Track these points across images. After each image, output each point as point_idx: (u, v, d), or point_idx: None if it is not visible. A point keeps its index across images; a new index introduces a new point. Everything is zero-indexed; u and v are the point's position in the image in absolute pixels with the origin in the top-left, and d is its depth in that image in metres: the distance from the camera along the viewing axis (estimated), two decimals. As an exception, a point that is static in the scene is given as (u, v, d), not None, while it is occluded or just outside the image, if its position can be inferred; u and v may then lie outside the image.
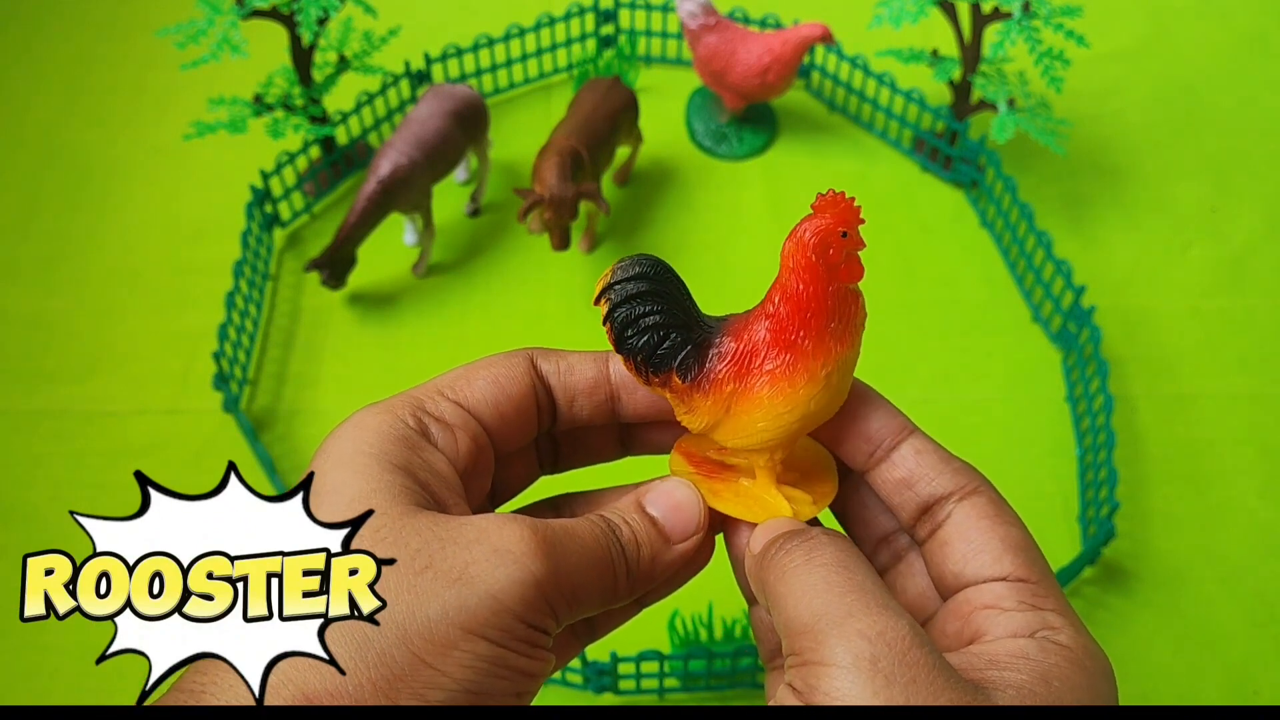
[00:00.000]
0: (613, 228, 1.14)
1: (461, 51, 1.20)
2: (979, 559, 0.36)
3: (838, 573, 0.34)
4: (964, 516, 0.37)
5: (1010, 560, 0.35)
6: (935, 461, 0.38)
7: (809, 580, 0.34)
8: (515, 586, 0.33)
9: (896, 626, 0.32)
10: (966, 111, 1.15)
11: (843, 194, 0.37)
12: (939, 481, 0.37)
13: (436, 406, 0.38)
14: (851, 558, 0.34)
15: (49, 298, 1.09)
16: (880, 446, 0.38)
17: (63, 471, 0.98)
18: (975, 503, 0.37)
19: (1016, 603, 0.35)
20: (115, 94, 1.25)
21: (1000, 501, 0.37)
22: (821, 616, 0.32)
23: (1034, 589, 0.35)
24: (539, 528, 0.34)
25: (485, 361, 0.40)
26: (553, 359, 0.41)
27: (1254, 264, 1.13)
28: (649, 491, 0.39)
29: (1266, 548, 0.96)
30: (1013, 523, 0.37)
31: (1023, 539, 0.36)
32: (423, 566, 0.32)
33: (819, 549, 0.35)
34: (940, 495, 0.37)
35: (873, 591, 0.33)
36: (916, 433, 0.39)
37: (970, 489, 0.37)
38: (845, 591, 0.33)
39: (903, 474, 0.38)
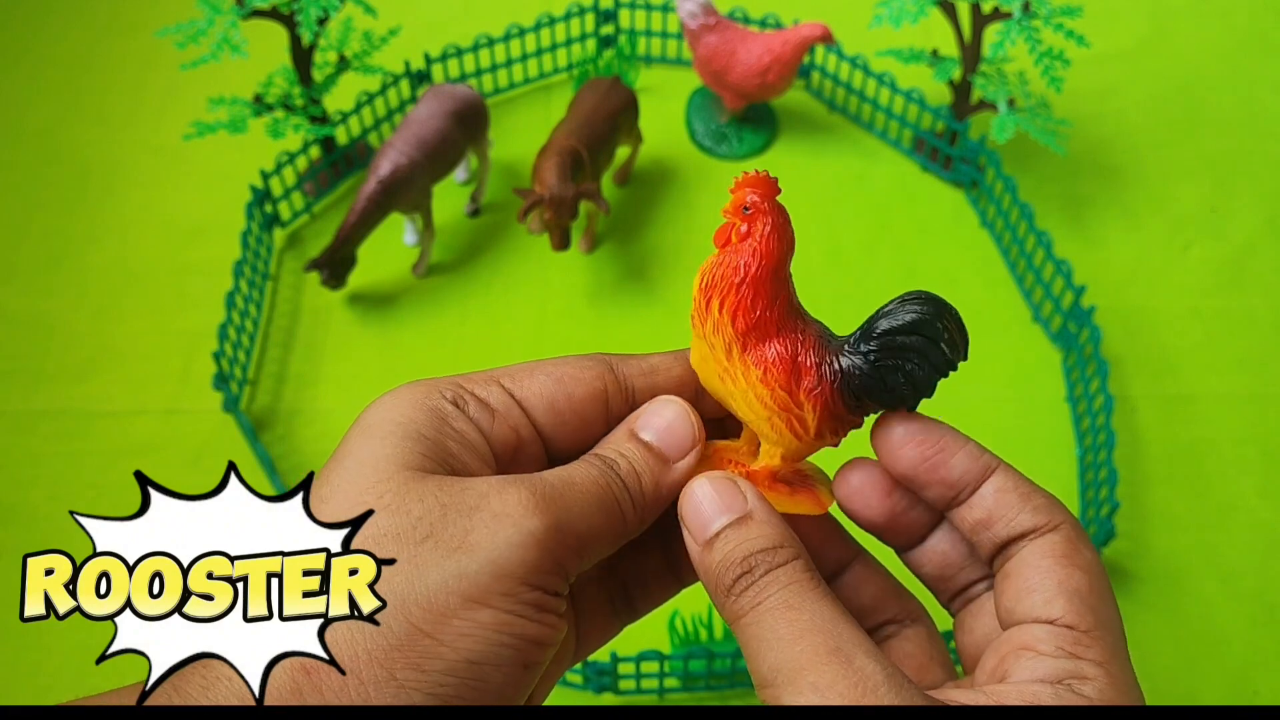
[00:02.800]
0: (613, 228, 1.14)
1: (461, 51, 1.20)
2: (1031, 598, 0.35)
3: (786, 617, 0.33)
4: (1031, 554, 0.36)
5: (1062, 604, 0.34)
6: (1014, 500, 0.37)
7: (760, 631, 0.33)
8: (516, 550, 0.32)
9: (846, 676, 0.31)
10: (966, 111, 1.15)
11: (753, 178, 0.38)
12: (1017, 521, 0.36)
13: (484, 390, 0.38)
14: (798, 594, 0.34)
15: (49, 298, 1.09)
16: (964, 490, 0.37)
17: (63, 471, 0.98)
18: (1048, 540, 0.36)
19: (1054, 647, 0.34)
20: (115, 94, 1.25)
21: (1076, 541, 0.36)
22: (777, 671, 0.32)
23: (1078, 637, 0.34)
24: (537, 485, 0.34)
25: (556, 359, 0.39)
26: (634, 362, 0.40)
27: (1254, 264, 1.13)
28: (638, 417, 0.39)
29: (1266, 548, 0.96)
30: (1081, 566, 0.35)
31: (1085, 584, 0.35)
32: (423, 535, 0.32)
33: (764, 591, 0.34)
34: (1017, 534, 0.36)
35: (821, 631, 0.32)
36: (999, 469, 0.38)
37: (1048, 527, 0.36)
38: (793, 640, 0.32)
39: (981, 515, 0.37)
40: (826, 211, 1.17)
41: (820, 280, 1.10)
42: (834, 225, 1.15)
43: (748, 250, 0.38)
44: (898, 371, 0.38)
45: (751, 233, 0.38)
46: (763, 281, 0.37)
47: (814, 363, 0.38)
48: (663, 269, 1.12)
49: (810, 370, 0.38)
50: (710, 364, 0.38)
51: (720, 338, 0.38)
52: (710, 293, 0.38)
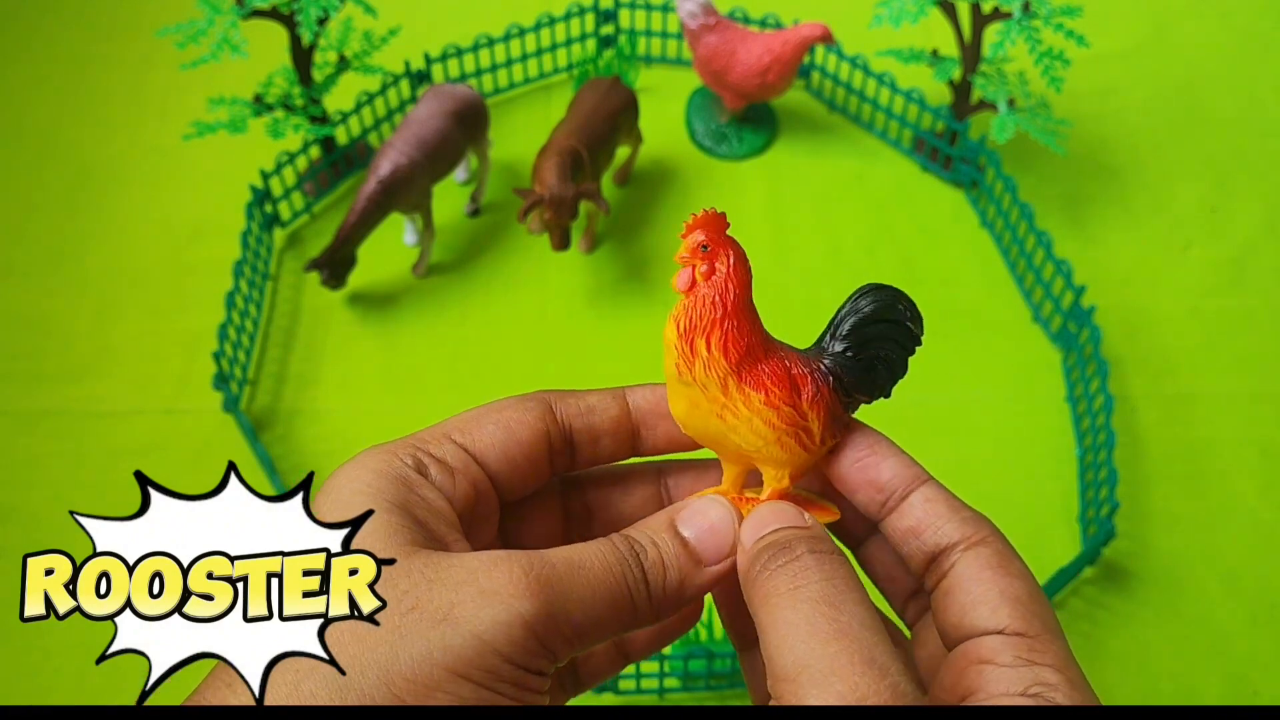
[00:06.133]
0: (613, 228, 1.14)
1: (461, 51, 1.20)
2: (977, 610, 0.35)
3: (824, 612, 0.33)
4: (966, 567, 0.36)
5: (1008, 612, 0.35)
6: (943, 510, 0.37)
7: (792, 618, 0.33)
8: (501, 628, 0.32)
9: (879, 691, 0.31)
10: (966, 111, 1.15)
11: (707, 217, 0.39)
12: (945, 530, 0.37)
13: (440, 449, 0.37)
14: (840, 591, 0.33)
15: (49, 298, 1.09)
16: (893, 495, 0.38)
17: (63, 471, 0.98)
18: (979, 553, 0.36)
19: (1012, 657, 0.34)
20: (115, 94, 1.25)
21: (1007, 552, 0.36)
22: (804, 668, 0.32)
23: (1031, 644, 0.34)
24: (534, 565, 0.33)
25: (497, 404, 0.39)
26: (572, 400, 0.40)
27: (1254, 264, 1.13)
28: (683, 509, 0.38)
29: (1266, 548, 0.96)
30: (1017, 575, 0.36)
31: (1025, 591, 0.35)
32: (409, 608, 0.32)
33: (805, 576, 0.34)
34: (946, 545, 0.37)
35: (858, 639, 0.32)
36: (929, 482, 0.38)
37: (976, 539, 0.36)
38: (829, 639, 0.32)
39: (910, 523, 0.37)
40: (826, 211, 1.17)
41: (820, 280, 1.10)
42: (834, 225, 1.15)
43: (719, 285, 0.38)
44: (876, 360, 0.39)
45: (715, 269, 0.38)
46: (742, 310, 0.38)
47: (805, 373, 0.38)
48: (663, 269, 1.12)
49: (805, 380, 0.38)
50: (703, 408, 0.38)
51: (714, 375, 0.38)
52: (693, 335, 0.38)
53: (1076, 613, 0.92)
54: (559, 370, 1.05)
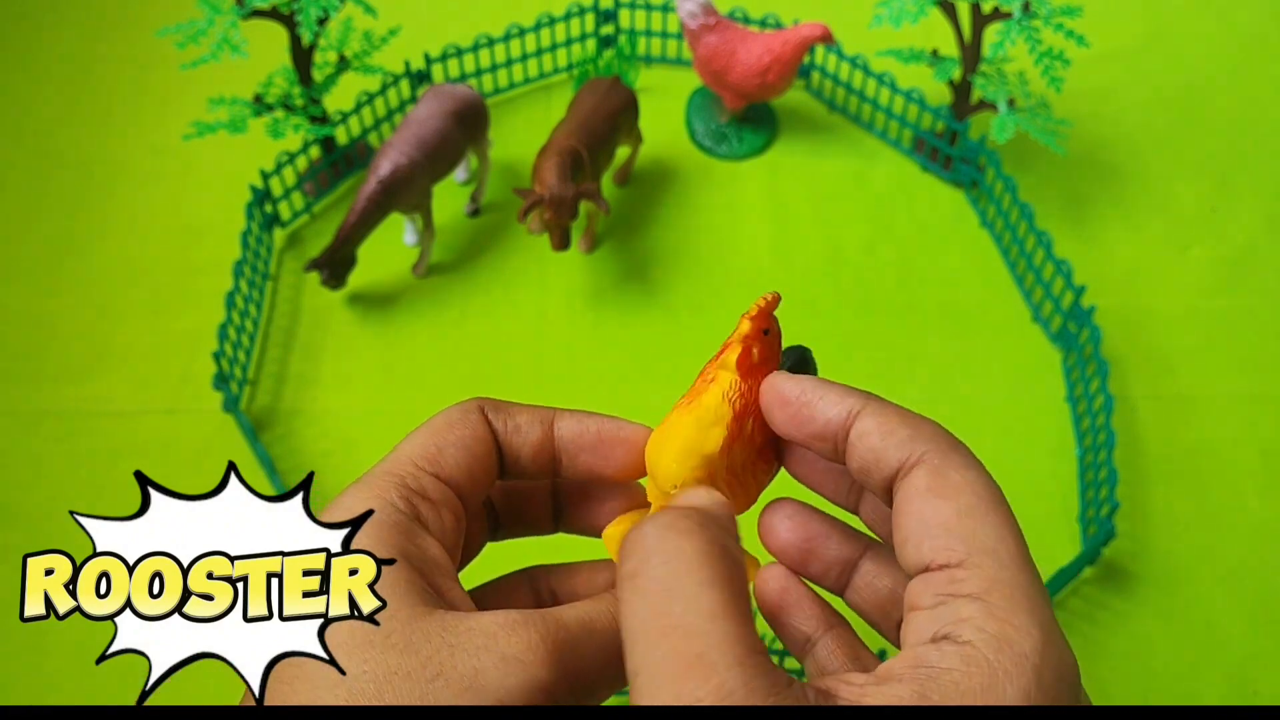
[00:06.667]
0: (613, 228, 1.14)
1: (461, 51, 1.20)
2: (903, 551, 0.32)
3: (654, 605, 0.29)
4: (903, 499, 0.32)
5: (928, 546, 0.31)
6: (877, 440, 0.33)
7: (629, 611, 0.30)
8: (523, 694, 0.32)
9: (701, 696, 0.28)
10: (966, 111, 1.15)
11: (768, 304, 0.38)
12: (884, 462, 0.33)
13: (419, 483, 0.36)
14: (678, 580, 0.30)
15: (49, 297, 1.09)
16: (839, 439, 0.34)
17: (63, 471, 0.98)
18: (911, 480, 0.32)
19: (933, 597, 0.30)
20: (115, 94, 1.25)
21: (941, 467, 0.32)
22: (637, 674, 0.29)
23: (952, 574, 0.30)
24: (550, 631, 0.33)
25: (444, 422, 0.38)
26: (501, 416, 0.39)
27: (1254, 264, 1.13)
28: None
29: (1266, 548, 0.96)
30: (948, 494, 0.31)
31: (952, 512, 0.31)
32: (433, 675, 0.32)
33: (645, 566, 0.30)
34: (889, 477, 0.33)
35: (689, 633, 0.29)
36: (865, 410, 0.34)
37: (913, 461, 0.32)
38: (660, 637, 0.29)
39: (856, 464, 0.34)
40: (826, 211, 1.17)
41: (820, 280, 1.10)
42: (834, 225, 1.15)
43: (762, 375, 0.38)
44: None
45: (767, 359, 0.38)
46: None
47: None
48: (663, 269, 1.12)
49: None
50: (715, 468, 0.38)
51: (748, 451, 0.38)
52: (746, 417, 0.38)
53: (1076, 613, 0.92)
54: (559, 370, 1.05)
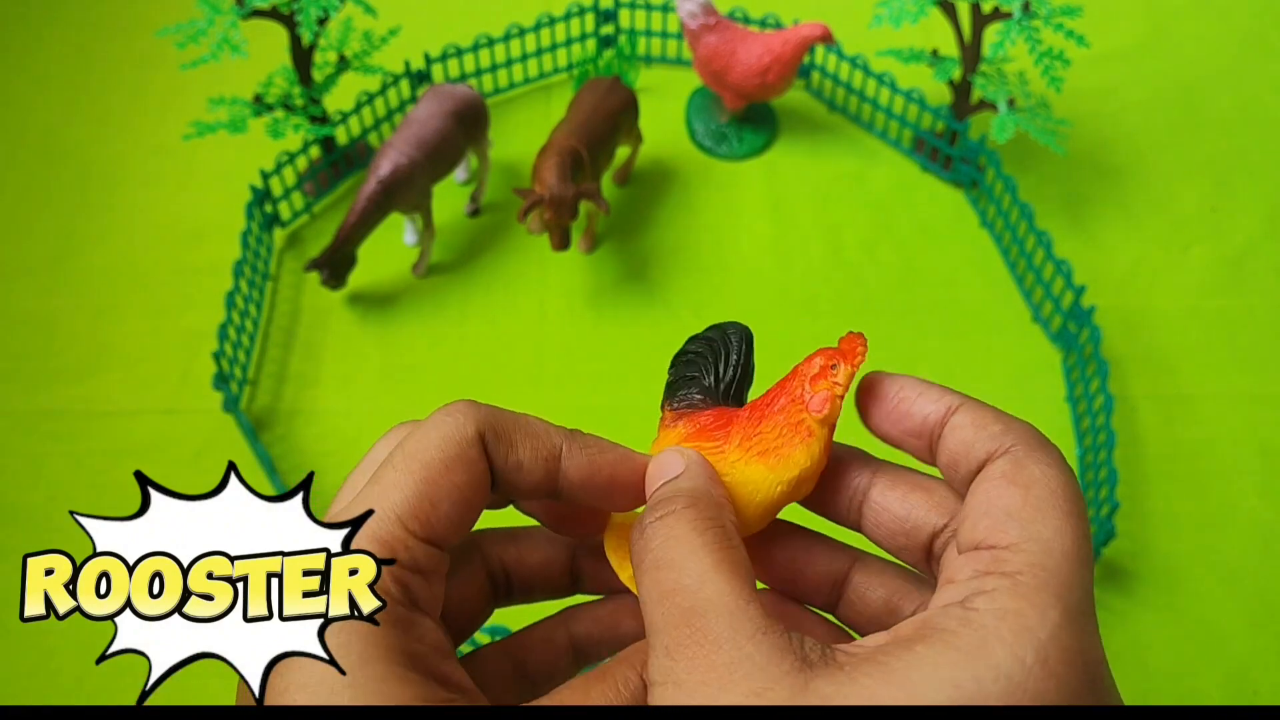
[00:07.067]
0: (613, 228, 1.14)
1: (461, 51, 1.20)
2: (963, 529, 0.32)
3: (656, 576, 0.31)
4: (978, 483, 0.33)
5: (986, 524, 0.31)
6: (970, 433, 0.34)
7: (640, 593, 0.32)
8: None
9: (692, 636, 0.29)
10: (966, 111, 1.15)
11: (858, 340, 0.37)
12: (973, 454, 0.33)
13: (412, 556, 0.33)
14: (675, 548, 0.31)
15: (49, 297, 1.09)
16: (934, 436, 0.35)
17: (63, 471, 0.98)
18: (993, 467, 0.33)
19: (970, 571, 0.30)
20: (115, 94, 1.25)
21: (1023, 459, 0.32)
22: (648, 635, 0.31)
23: (996, 554, 0.30)
24: None
25: (443, 464, 0.33)
26: (503, 449, 0.35)
27: (1254, 264, 1.13)
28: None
29: (1266, 548, 0.96)
30: (1021, 483, 0.32)
31: (1018, 499, 0.31)
32: None
33: (647, 547, 0.32)
34: (976, 468, 0.33)
35: (685, 592, 0.30)
36: (963, 406, 0.35)
37: (1000, 451, 0.33)
38: (660, 599, 0.31)
39: (946, 458, 0.34)
40: (826, 211, 1.17)
41: (820, 280, 1.10)
42: (834, 225, 1.15)
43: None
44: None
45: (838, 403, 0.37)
46: None
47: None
48: (663, 269, 1.12)
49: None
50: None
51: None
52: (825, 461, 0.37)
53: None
54: (559, 370, 1.05)
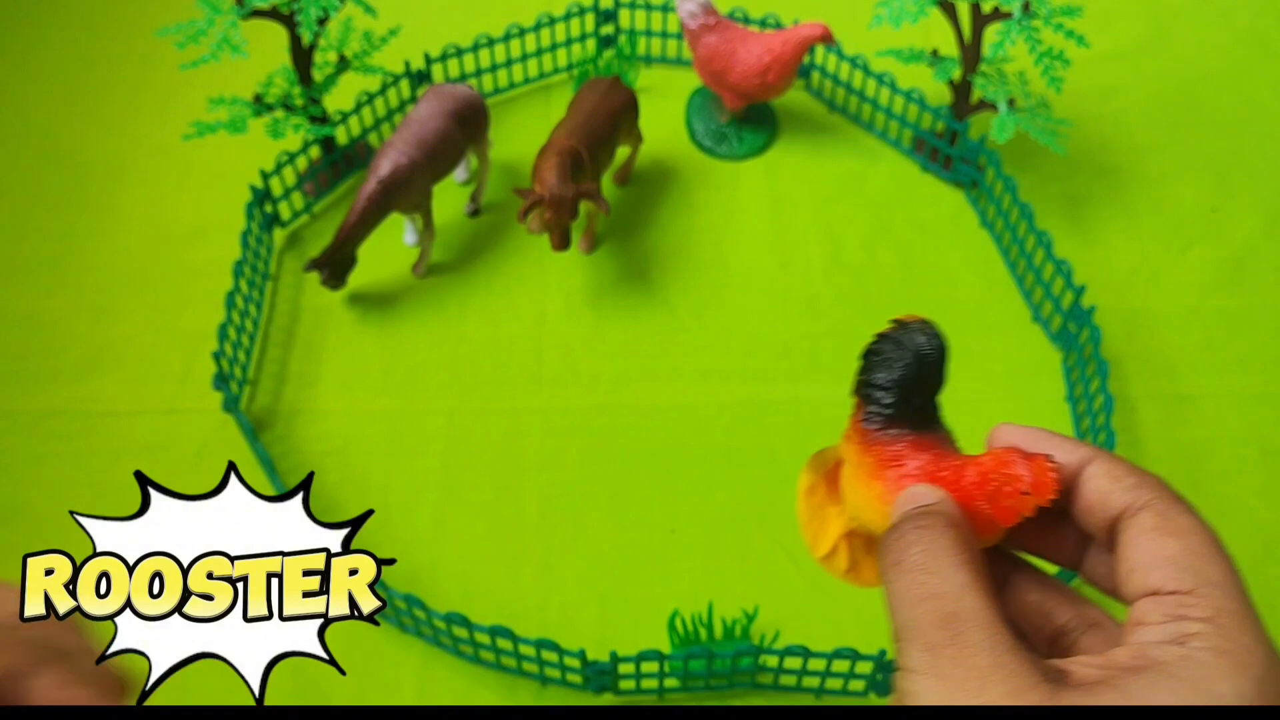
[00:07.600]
0: (613, 228, 1.14)
1: (461, 51, 1.20)
2: (1132, 579, 0.35)
3: (918, 578, 0.34)
4: (1126, 537, 0.36)
5: (1159, 575, 0.35)
6: (1105, 484, 0.38)
7: (894, 590, 0.35)
8: None
9: (952, 641, 0.33)
10: (966, 111, 1.15)
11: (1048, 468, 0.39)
12: (1109, 504, 0.37)
13: None
14: (936, 557, 0.35)
15: (49, 297, 1.09)
16: (1067, 483, 0.39)
17: (63, 471, 0.98)
18: (1138, 519, 0.36)
19: (1161, 615, 0.34)
20: (115, 94, 1.25)
21: (1168, 512, 0.36)
22: (902, 629, 0.34)
23: (1181, 599, 0.34)
24: None
25: None
26: None
27: (1254, 264, 1.13)
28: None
29: (1266, 548, 0.96)
30: (1175, 534, 0.36)
31: (1180, 550, 0.35)
32: None
33: (908, 550, 0.35)
34: (1114, 517, 0.37)
35: (946, 597, 0.34)
36: (1097, 459, 0.39)
37: (1139, 505, 0.37)
38: (920, 600, 0.34)
39: (1082, 505, 0.38)
40: (826, 211, 1.17)
41: (820, 280, 1.10)
42: (834, 225, 1.15)
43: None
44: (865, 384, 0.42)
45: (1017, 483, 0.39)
46: None
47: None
48: (663, 269, 1.12)
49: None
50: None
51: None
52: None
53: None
54: (559, 370, 1.05)
